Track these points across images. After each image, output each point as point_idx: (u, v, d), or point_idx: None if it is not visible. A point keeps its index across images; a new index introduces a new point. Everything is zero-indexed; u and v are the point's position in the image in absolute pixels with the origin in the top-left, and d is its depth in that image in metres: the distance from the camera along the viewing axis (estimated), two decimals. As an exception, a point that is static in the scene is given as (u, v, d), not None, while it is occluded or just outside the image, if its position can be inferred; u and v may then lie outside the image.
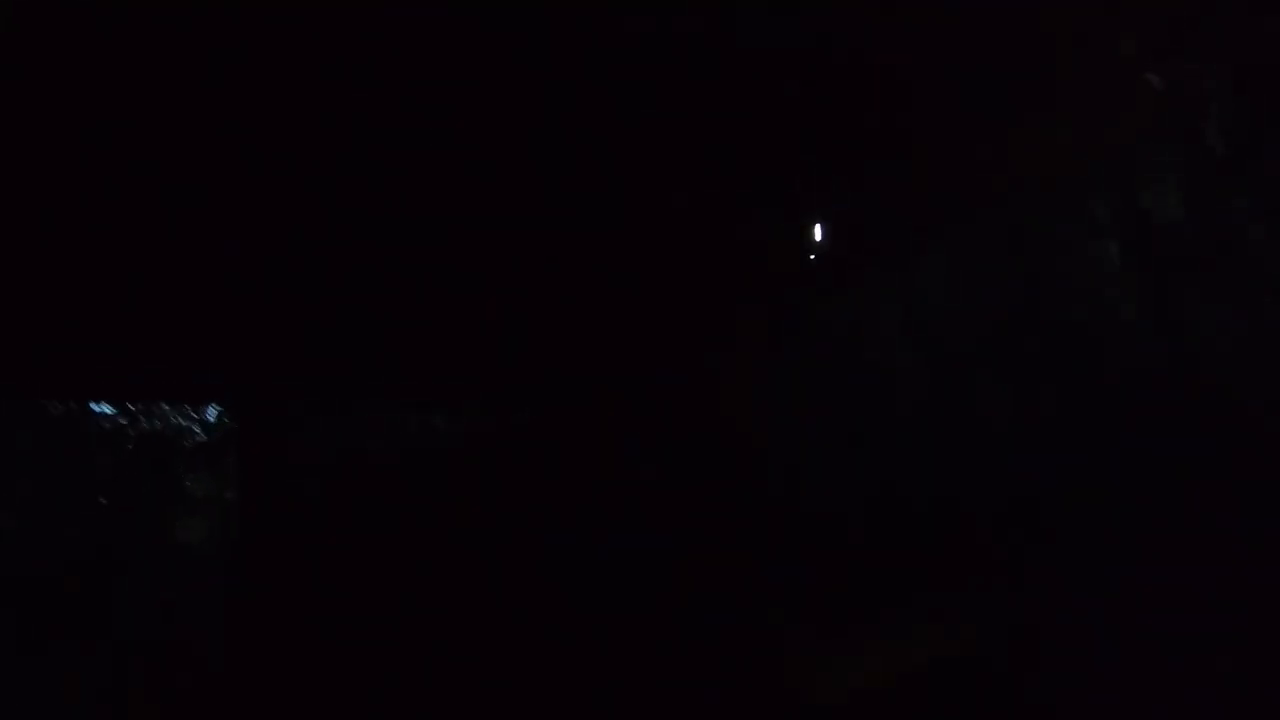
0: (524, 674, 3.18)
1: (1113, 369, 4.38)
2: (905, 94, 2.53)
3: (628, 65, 2.31)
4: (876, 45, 2.33)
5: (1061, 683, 2.88)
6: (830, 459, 4.06)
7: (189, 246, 3.12)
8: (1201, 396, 3.90)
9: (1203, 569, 3.06)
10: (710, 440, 3.47)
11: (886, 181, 3.19)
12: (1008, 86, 2.56)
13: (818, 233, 3.43)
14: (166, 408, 7.34)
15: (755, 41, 2.24)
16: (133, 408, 6.98)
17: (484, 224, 3.19)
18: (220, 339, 3.70)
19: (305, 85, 2.30)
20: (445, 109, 2.49)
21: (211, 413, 7.63)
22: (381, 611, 3.65)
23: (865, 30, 2.26)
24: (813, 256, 3.53)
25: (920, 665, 2.38)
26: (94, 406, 6.81)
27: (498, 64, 2.24)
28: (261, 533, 3.82)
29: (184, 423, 7.39)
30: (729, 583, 3.06)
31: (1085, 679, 2.88)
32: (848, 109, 2.61)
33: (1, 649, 5.13)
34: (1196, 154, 4.42)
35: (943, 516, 3.62)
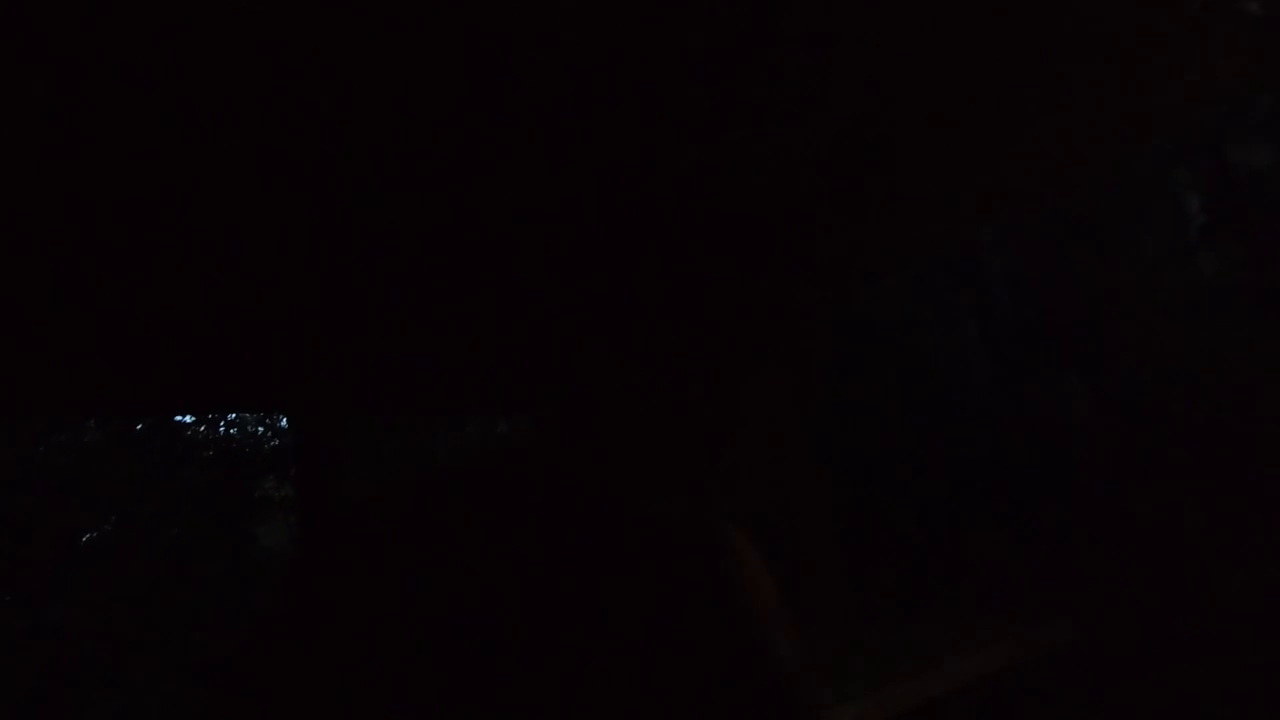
0: (558, 675, 3.23)
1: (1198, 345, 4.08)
2: (983, 45, 2.37)
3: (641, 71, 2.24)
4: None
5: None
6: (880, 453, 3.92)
7: (264, 267, 3.21)
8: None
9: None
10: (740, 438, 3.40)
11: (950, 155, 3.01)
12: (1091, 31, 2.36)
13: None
14: (244, 416, 7.65)
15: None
16: (211, 417, 7.28)
17: (528, 246, 3.19)
18: (290, 352, 3.80)
19: (362, 117, 2.33)
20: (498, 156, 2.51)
21: (285, 419, 7.92)
22: (431, 618, 3.72)
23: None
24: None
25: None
26: (177, 418, 7.14)
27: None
28: (317, 535, 3.92)
29: (260, 430, 7.69)
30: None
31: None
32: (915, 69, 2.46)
33: (95, 649, 5.44)
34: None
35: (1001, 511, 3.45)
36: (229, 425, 7.35)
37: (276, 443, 7.32)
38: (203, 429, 7.15)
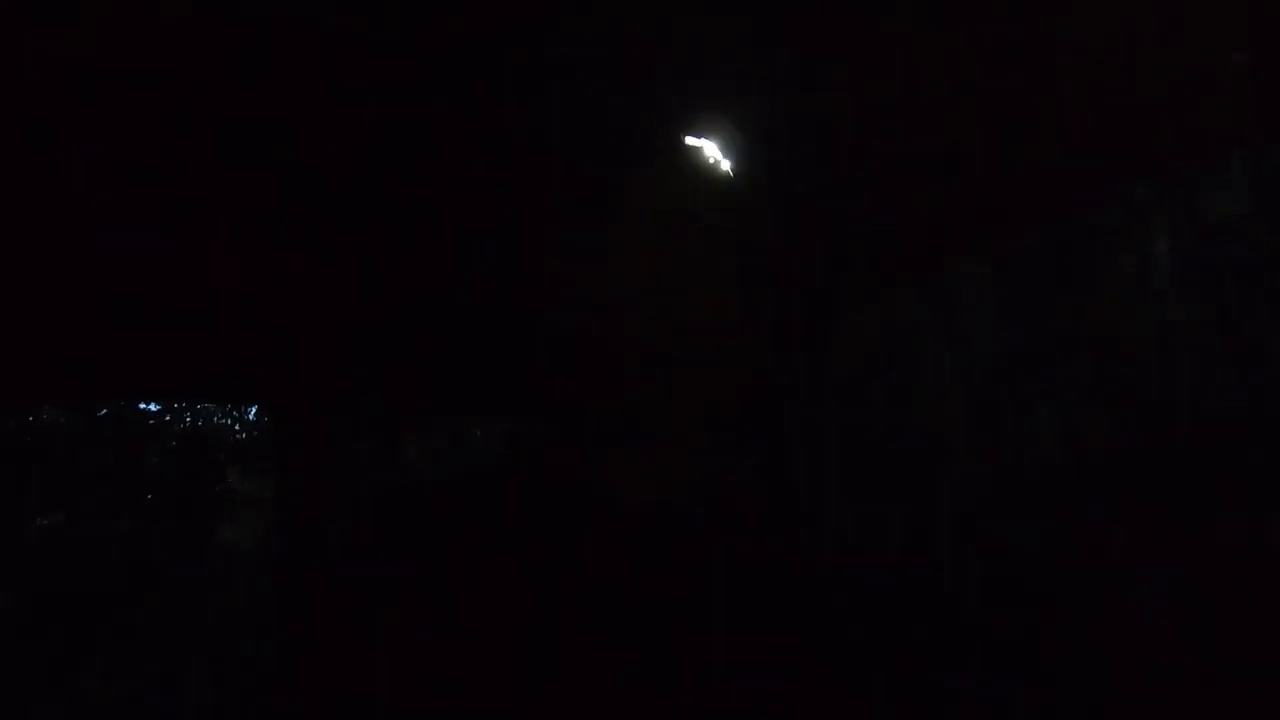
0: (548, 678, 3.23)
1: (1172, 385, 4.17)
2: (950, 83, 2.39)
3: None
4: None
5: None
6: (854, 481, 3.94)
7: (232, 246, 3.16)
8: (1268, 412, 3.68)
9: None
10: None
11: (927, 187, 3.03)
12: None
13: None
14: (210, 406, 7.49)
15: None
16: (177, 406, 7.12)
17: (521, 238, 3.16)
18: (262, 339, 3.74)
19: (357, 101, 2.30)
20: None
21: (253, 411, 7.77)
22: (417, 615, 3.69)
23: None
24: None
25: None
26: (141, 405, 6.97)
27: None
28: (297, 533, 3.86)
29: (226, 421, 7.54)
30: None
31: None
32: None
33: (52, 643, 5.29)
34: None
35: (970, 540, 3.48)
36: (195, 415, 7.20)
37: (243, 435, 7.20)
38: (167, 418, 7.00)
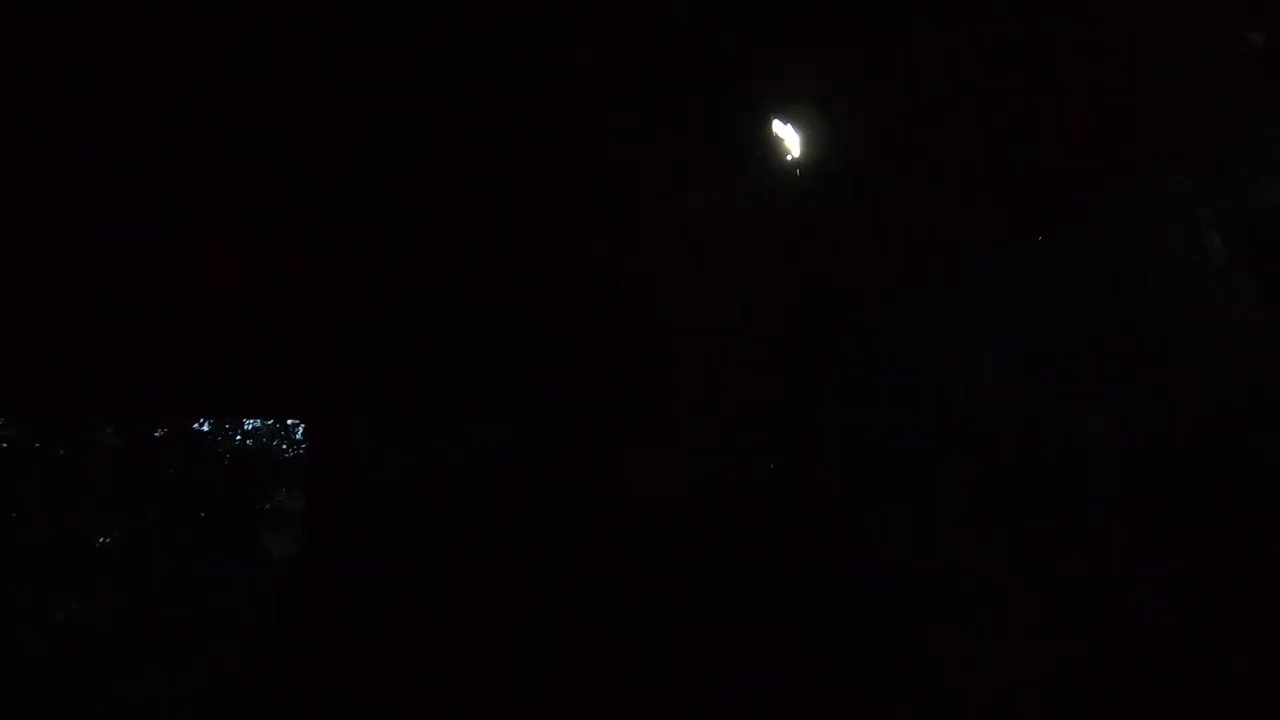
0: (563, 670, 3.25)
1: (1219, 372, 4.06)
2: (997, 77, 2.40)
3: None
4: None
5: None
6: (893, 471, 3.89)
7: (279, 277, 3.28)
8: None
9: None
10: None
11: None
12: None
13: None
14: (258, 425, 7.71)
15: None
16: (228, 427, 7.34)
17: (538, 248, 3.23)
18: (302, 359, 3.85)
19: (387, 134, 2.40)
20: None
21: (300, 430, 7.96)
22: (439, 616, 3.74)
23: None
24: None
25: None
26: (194, 424, 7.20)
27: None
28: (329, 542, 3.95)
29: (275, 442, 7.73)
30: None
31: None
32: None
33: (103, 652, 5.45)
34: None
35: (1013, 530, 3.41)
36: (245, 436, 7.41)
37: (291, 454, 7.37)
38: (219, 439, 7.22)
